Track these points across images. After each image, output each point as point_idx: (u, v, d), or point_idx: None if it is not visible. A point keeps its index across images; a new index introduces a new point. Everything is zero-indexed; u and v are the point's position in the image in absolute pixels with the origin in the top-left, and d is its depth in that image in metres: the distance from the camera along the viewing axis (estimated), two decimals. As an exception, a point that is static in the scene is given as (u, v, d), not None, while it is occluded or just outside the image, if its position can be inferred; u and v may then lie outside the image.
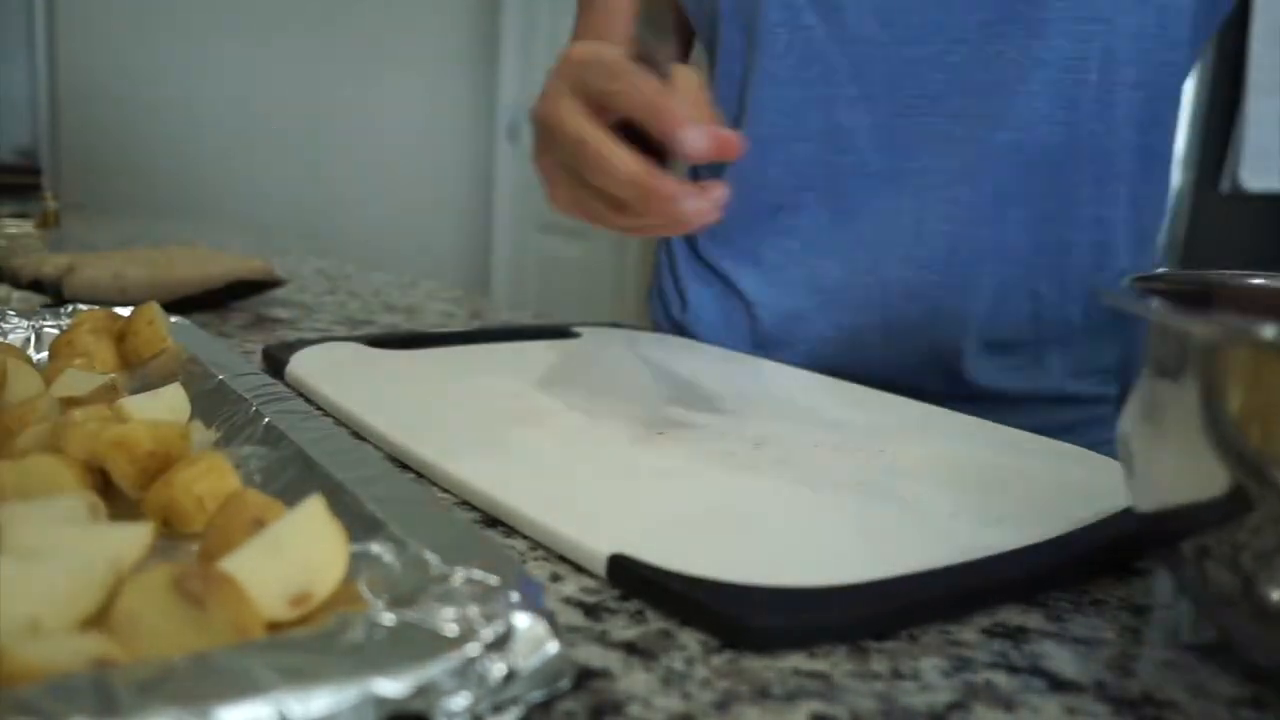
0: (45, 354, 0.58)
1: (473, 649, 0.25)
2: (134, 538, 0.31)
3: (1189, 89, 1.92)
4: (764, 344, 0.77)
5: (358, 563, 0.31)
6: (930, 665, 0.32)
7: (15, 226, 1.03)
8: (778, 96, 0.71)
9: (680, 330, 0.82)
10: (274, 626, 0.27)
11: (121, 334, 0.56)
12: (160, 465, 0.37)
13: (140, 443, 0.37)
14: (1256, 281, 0.39)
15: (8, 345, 0.53)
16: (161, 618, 0.26)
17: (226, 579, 0.26)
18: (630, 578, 0.35)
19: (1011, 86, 0.66)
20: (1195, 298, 0.39)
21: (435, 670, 0.24)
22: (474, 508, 0.43)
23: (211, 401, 0.47)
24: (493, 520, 0.42)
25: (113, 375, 0.50)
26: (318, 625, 0.27)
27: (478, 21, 3.05)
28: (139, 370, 0.55)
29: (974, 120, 0.68)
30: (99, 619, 0.27)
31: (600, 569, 0.36)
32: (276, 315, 0.88)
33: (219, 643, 0.25)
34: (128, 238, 1.45)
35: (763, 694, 0.29)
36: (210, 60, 2.65)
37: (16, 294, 0.82)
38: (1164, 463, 0.31)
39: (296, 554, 0.28)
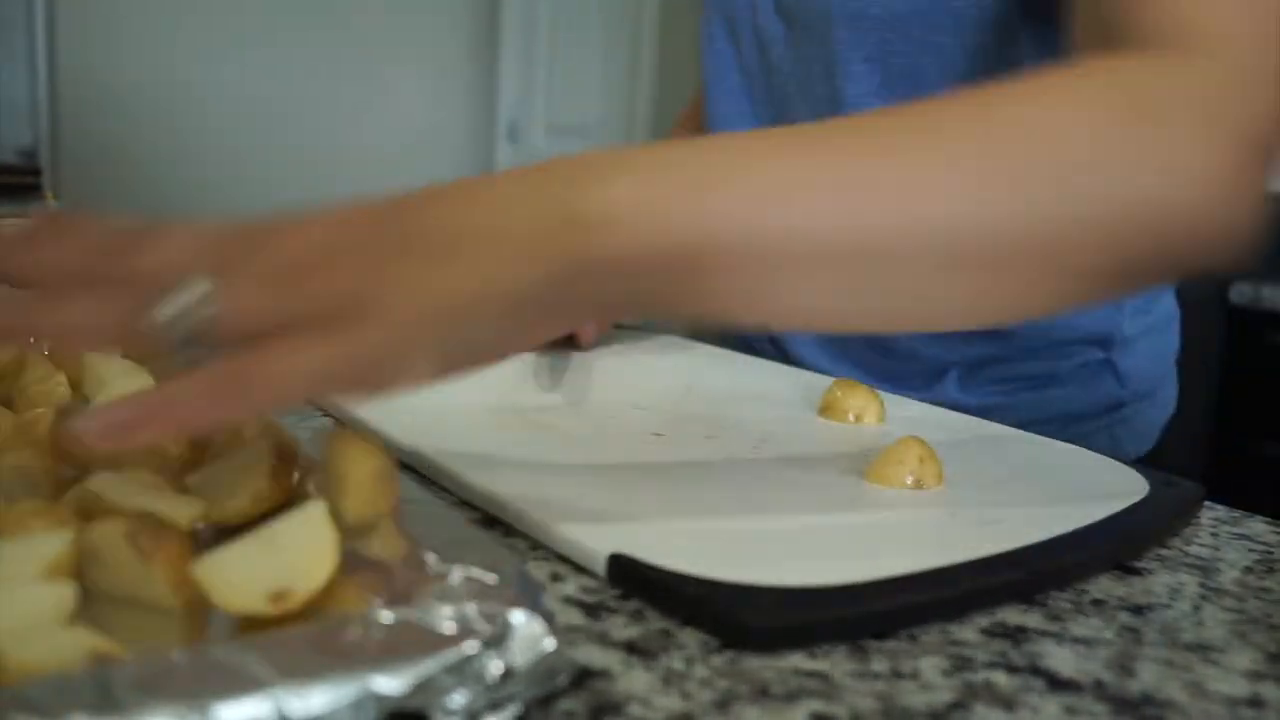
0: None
1: (470, 646, 0.25)
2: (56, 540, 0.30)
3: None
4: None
5: (356, 561, 0.31)
6: (930, 665, 0.32)
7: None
8: (729, 102, 0.74)
9: None
10: (257, 622, 0.27)
11: (121, 333, 0.56)
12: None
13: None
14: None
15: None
16: (116, 560, 0.29)
17: (171, 539, 0.29)
18: (630, 577, 0.35)
19: None
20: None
21: (433, 668, 0.24)
22: (474, 508, 0.43)
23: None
24: (493, 520, 0.42)
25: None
26: (316, 623, 0.27)
27: (478, 21, 3.05)
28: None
29: None
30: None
31: (600, 569, 0.36)
32: (276, 315, 0.88)
33: (161, 595, 0.28)
34: (128, 238, 1.44)
35: (762, 693, 0.29)
36: (210, 60, 2.65)
37: (16, 293, 0.81)
38: None
39: (286, 553, 0.28)
